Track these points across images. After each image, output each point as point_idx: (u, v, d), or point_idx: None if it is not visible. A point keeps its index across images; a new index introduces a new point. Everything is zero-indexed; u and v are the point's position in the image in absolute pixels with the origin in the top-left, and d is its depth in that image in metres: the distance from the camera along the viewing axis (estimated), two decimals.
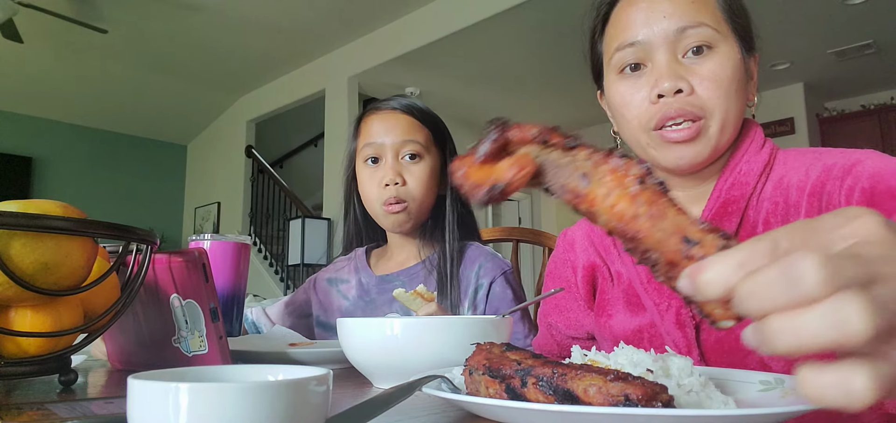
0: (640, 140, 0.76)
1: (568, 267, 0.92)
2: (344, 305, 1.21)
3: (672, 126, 0.71)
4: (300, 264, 5.56)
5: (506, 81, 6.00)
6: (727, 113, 0.71)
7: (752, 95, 0.77)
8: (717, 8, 0.73)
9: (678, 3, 0.72)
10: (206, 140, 7.95)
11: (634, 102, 0.74)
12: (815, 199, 0.70)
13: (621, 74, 0.76)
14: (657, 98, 0.72)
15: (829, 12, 4.66)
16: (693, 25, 0.71)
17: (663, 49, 0.72)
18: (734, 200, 0.73)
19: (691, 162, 0.73)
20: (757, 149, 0.75)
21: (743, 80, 0.73)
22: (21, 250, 0.53)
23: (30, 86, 6.37)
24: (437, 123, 1.21)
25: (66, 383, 0.61)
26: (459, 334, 0.59)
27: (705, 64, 0.71)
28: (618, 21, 0.77)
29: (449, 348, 0.58)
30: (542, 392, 0.41)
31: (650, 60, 0.73)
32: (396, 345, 0.60)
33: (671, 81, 0.70)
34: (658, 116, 0.72)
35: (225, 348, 0.69)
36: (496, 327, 0.63)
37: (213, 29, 5.34)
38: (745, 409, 0.40)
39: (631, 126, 0.76)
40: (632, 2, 0.76)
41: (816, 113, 6.36)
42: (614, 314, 0.83)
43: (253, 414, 0.31)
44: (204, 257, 0.68)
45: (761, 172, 0.74)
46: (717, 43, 0.71)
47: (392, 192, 1.12)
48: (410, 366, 0.57)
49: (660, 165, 0.77)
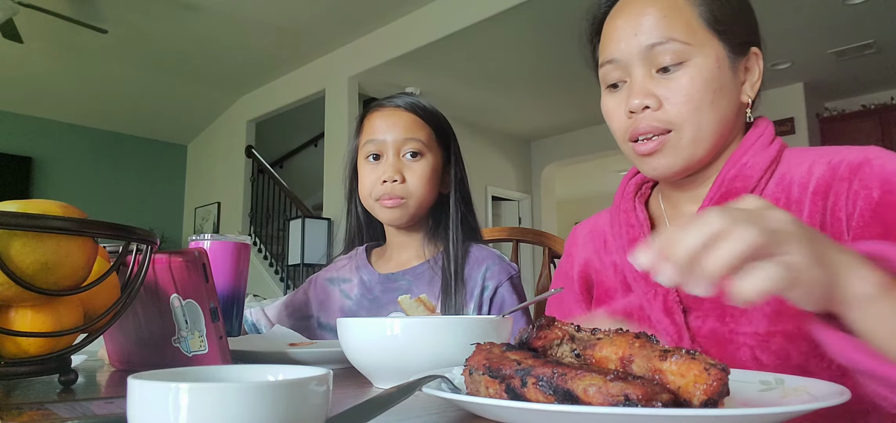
0: (625, 150, 0.79)
1: (570, 262, 0.95)
2: (346, 304, 1.21)
3: (642, 139, 0.75)
4: (300, 264, 5.56)
5: (506, 81, 6.00)
6: (699, 124, 0.72)
7: (748, 95, 0.77)
8: (694, 17, 0.73)
9: (653, 17, 0.73)
10: (206, 140, 7.95)
11: (616, 116, 0.78)
12: (820, 198, 0.70)
13: (608, 89, 0.80)
14: (629, 113, 0.75)
15: (829, 12, 4.66)
16: (662, 41, 0.72)
17: (638, 65, 0.74)
18: (736, 191, 0.74)
19: (664, 173, 0.76)
20: (764, 144, 0.76)
21: (723, 87, 0.73)
22: (21, 250, 0.53)
23: (30, 86, 6.37)
24: (441, 121, 1.21)
25: (66, 383, 0.61)
26: (460, 334, 0.59)
27: (677, 79, 0.72)
28: (604, 35, 0.80)
29: (450, 348, 0.58)
30: (542, 392, 0.41)
31: (628, 76, 0.76)
32: (396, 345, 0.60)
33: (639, 97, 0.73)
34: (631, 129, 0.75)
35: (225, 348, 0.69)
36: (497, 327, 0.63)
37: (213, 29, 5.34)
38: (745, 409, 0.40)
39: (617, 138, 0.80)
40: (614, 17, 0.78)
41: (816, 113, 6.36)
42: (612, 305, 0.85)
43: (253, 414, 0.31)
44: (204, 257, 0.68)
45: (767, 167, 0.74)
46: (689, 56, 0.72)
47: (388, 189, 1.12)
48: (411, 366, 0.57)
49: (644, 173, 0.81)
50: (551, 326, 0.51)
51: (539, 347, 0.51)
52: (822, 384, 0.47)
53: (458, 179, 1.20)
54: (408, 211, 1.14)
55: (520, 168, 7.96)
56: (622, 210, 0.86)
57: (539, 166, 8.09)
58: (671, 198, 0.84)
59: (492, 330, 0.62)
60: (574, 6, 1.11)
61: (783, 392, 0.48)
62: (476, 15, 4.62)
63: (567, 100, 6.53)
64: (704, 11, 0.74)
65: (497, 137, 7.55)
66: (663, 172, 0.76)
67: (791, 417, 0.38)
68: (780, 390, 0.49)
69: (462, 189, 1.21)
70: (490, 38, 4.96)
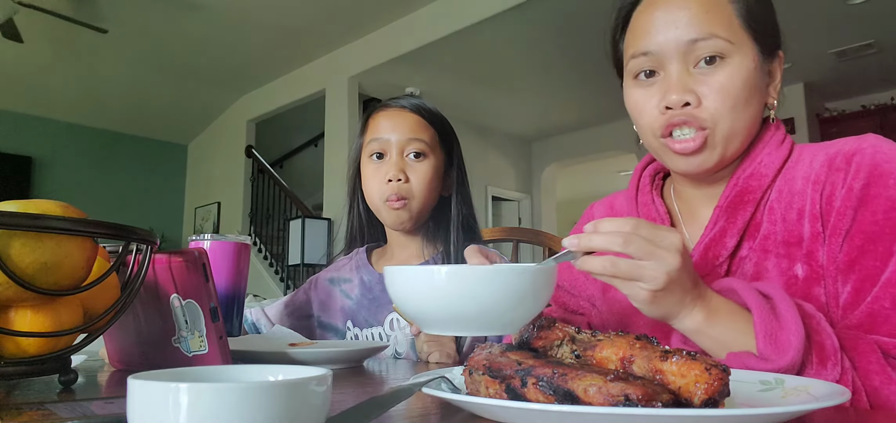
0: (653, 145, 0.77)
1: None
2: (347, 304, 1.21)
3: (678, 136, 0.73)
4: (300, 264, 5.56)
5: (506, 81, 6.00)
6: (734, 124, 0.72)
7: (772, 97, 0.77)
8: (733, 15, 0.72)
9: (692, 11, 0.72)
10: (206, 140, 7.95)
11: (647, 110, 0.76)
12: (818, 187, 0.70)
13: (636, 81, 0.77)
14: (665, 109, 0.73)
15: (829, 12, 4.66)
16: (704, 37, 0.71)
17: (675, 59, 0.72)
18: (751, 189, 0.74)
19: (696, 169, 0.74)
20: (777, 144, 0.76)
21: (757, 86, 0.73)
22: (21, 250, 0.53)
23: (30, 86, 6.37)
24: (444, 124, 1.22)
25: (66, 383, 0.61)
26: (508, 283, 0.57)
27: (715, 76, 0.71)
28: (635, 26, 0.77)
29: (496, 297, 0.56)
30: (542, 392, 0.41)
31: (663, 69, 0.74)
32: (443, 292, 0.57)
33: (679, 93, 0.71)
34: (666, 125, 0.73)
35: (225, 348, 0.69)
36: (546, 277, 0.60)
37: (213, 28, 5.34)
38: (745, 409, 0.40)
39: (644, 132, 0.78)
40: (649, 8, 0.76)
41: (817, 113, 6.36)
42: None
43: (253, 414, 0.31)
44: (204, 257, 0.68)
45: (780, 166, 0.75)
46: (729, 53, 0.71)
47: (394, 188, 1.13)
48: (457, 314, 0.56)
49: (670, 169, 0.79)
50: (552, 326, 0.51)
51: (539, 347, 0.51)
52: (823, 384, 0.48)
53: (459, 181, 1.22)
54: (411, 213, 1.15)
55: (520, 168, 7.96)
56: (641, 202, 0.86)
57: (539, 167, 8.09)
58: (684, 194, 0.84)
59: (543, 280, 0.59)
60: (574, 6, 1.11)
61: (783, 392, 0.48)
62: (476, 15, 4.62)
63: (567, 100, 6.53)
64: (742, 9, 0.73)
65: (497, 137, 7.55)
66: (695, 169, 0.74)
67: (791, 417, 0.38)
68: (780, 390, 0.49)
69: (463, 191, 1.22)
70: (490, 38, 4.96)
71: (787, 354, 0.56)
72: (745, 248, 0.74)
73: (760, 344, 0.57)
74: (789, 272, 0.70)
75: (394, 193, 1.13)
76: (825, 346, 0.58)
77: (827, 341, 0.59)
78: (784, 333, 0.57)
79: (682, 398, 0.39)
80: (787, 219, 0.72)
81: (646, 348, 0.43)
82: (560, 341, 0.50)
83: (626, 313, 0.81)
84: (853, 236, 0.66)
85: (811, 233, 0.70)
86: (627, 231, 0.56)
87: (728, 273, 0.74)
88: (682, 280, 0.58)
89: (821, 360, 0.58)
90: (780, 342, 0.57)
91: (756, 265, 0.72)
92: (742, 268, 0.73)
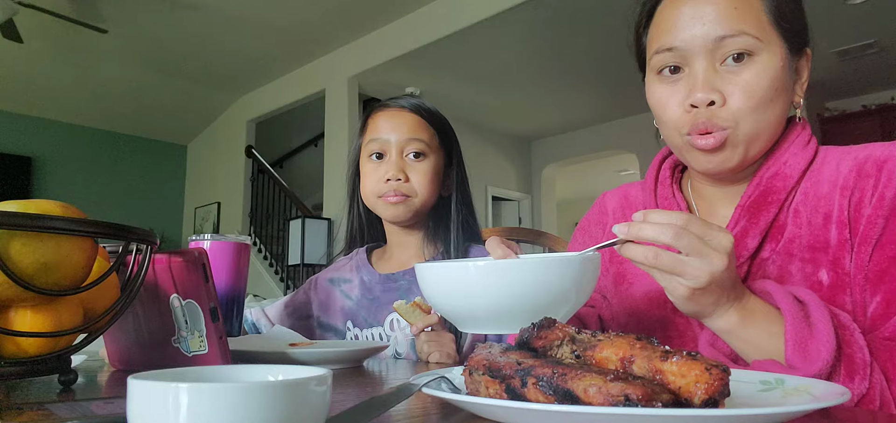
0: (675, 141, 0.76)
1: (599, 228, 0.94)
2: (347, 304, 1.21)
3: (701, 134, 0.71)
4: (300, 264, 5.56)
5: (506, 81, 6.00)
6: (759, 123, 0.70)
7: (798, 96, 0.75)
8: (762, 11, 0.70)
9: (720, 7, 0.70)
10: (206, 140, 7.95)
11: (670, 106, 0.74)
12: (846, 192, 0.69)
13: (660, 76, 0.76)
14: (690, 107, 0.71)
15: (830, 12, 4.65)
16: (733, 34, 0.69)
17: (701, 56, 0.71)
18: (775, 190, 0.72)
19: (718, 168, 0.73)
20: (802, 144, 0.75)
21: (784, 85, 0.71)
22: (21, 250, 0.53)
23: (30, 86, 6.36)
24: (444, 124, 1.22)
25: (66, 383, 0.61)
26: (544, 273, 0.56)
27: (742, 74, 0.69)
28: (660, 21, 0.76)
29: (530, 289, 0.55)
30: (542, 392, 0.41)
31: (688, 65, 0.72)
32: (474, 289, 0.56)
33: (704, 92, 0.70)
34: (690, 122, 0.72)
35: (225, 348, 0.69)
36: (593, 266, 0.59)
37: (213, 29, 5.34)
38: (745, 409, 0.40)
39: (666, 128, 0.76)
40: (675, 2, 0.74)
41: (817, 113, 6.35)
42: (635, 283, 0.84)
43: (253, 414, 0.31)
44: (204, 257, 0.68)
45: (805, 168, 0.73)
46: (757, 51, 0.69)
47: (393, 187, 1.13)
48: (489, 308, 0.55)
49: (691, 167, 0.77)
50: (552, 327, 0.51)
51: (539, 347, 0.51)
52: (823, 384, 0.48)
53: (459, 181, 1.22)
54: (411, 208, 1.15)
55: (520, 168, 7.96)
56: (661, 194, 0.84)
57: (539, 166, 8.09)
58: (703, 192, 0.82)
59: (590, 268, 0.58)
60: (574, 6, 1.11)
61: (783, 392, 0.48)
62: (476, 15, 4.62)
63: (567, 100, 6.53)
64: (771, 5, 0.71)
65: (497, 137, 7.55)
66: (718, 168, 0.73)
67: (791, 417, 0.38)
68: (781, 390, 0.49)
69: (463, 191, 1.22)
70: (490, 38, 4.95)
71: (815, 363, 0.55)
72: (766, 250, 0.72)
73: (789, 352, 0.57)
74: (813, 277, 0.69)
75: (391, 191, 1.13)
76: (855, 359, 0.57)
77: (858, 354, 0.57)
78: (814, 342, 0.56)
79: (682, 398, 0.39)
80: (812, 223, 0.70)
81: (646, 348, 0.43)
82: (560, 341, 0.50)
83: (638, 309, 0.81)
84: (884, 246, 0.65)
85: (838, 239, 0.68)
86: (679, 225, 0.55)
87: (748, 274, 0.73)
88: (722, 282, 0.57)
89: (849, 373, 0.57)
90: (809, 351, 0.56)
91: (780, 269, 0.71)
92: (764, 270, 0.72)
